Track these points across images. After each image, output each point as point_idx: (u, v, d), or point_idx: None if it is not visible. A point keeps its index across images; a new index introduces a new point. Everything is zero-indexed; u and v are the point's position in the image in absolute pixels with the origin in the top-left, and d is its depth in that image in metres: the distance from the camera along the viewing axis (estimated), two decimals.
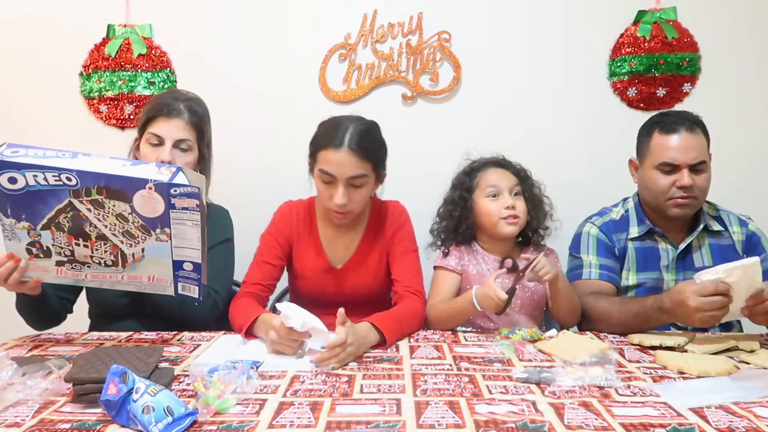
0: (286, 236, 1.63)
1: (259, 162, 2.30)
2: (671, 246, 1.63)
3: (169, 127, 1.50)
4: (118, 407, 0.88)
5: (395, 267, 1.60)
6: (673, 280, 1.61)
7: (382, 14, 2.24)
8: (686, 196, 1.54)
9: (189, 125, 1.52)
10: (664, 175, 1.56)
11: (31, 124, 2.32)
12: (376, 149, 1.52)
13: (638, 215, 1.68)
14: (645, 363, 1.22)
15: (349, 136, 1.44)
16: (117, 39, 2.27)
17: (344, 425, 0.88)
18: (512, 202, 1.58)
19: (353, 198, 1.49)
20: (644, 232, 1.64)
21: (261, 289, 1.56)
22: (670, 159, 1.54)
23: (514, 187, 1.62)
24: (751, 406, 0.96)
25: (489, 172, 1.64)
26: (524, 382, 1.08)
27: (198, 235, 1.23)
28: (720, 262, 1.60)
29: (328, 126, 1.51)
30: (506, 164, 1.67)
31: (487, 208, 1.60)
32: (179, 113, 1.51)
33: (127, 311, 1.53)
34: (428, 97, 2.27)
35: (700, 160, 1.53)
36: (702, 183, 1.56)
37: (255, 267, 1.60)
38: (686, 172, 1.53)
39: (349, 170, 1.45)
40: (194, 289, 1.30)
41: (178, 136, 1.50)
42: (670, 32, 2.19)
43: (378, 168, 1.53)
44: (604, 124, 2.24)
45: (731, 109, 2.18)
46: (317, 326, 1.21)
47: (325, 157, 1.46)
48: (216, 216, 1.64)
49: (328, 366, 1.16)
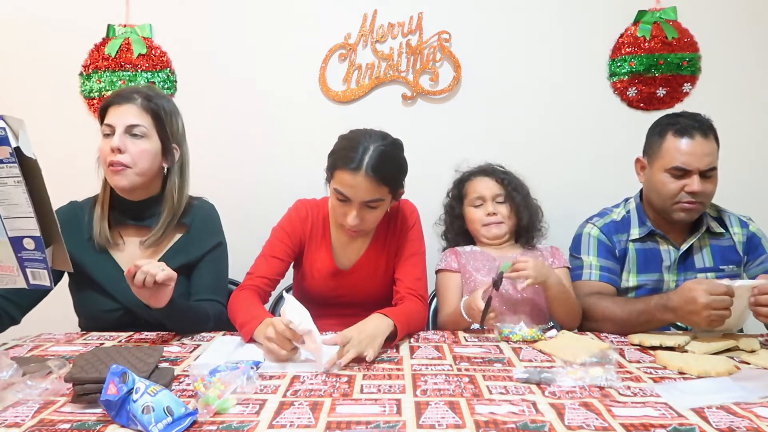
0: (299, 236, 1.61)
1: (259, 162, 2.30)
2: (673, 247, 1.63)
3: (119, 113, 1.41)
4: (118, 407, 0.87)
5: (400, 267, 1.59)
6: (674, 281, 1.61)
7: (382, 14, 2.24)
8: (693, 202, 1.54)
9: (142, 110, 1.42)
10: (675, 179, 1.55)
11: (31, 124, 2.29)
12: (395, 173, 1.47)
13: (639, 217, 1.67)
14: (645, 363, 1.22)
15: (368, 159, 1.38)
16: (117, 39, 2.27)
17: (344, 425, 0.88)
18: (494, 209, 1.72)
19: (366, 218, 1.47)
20: (645, 233, 1.64)
21: (266, 284, 1.53)
22: (682, 164, 1.52)
23: (497, 194, 1.73)
24: (752, 406, 0.95)
25: (474, 182, 1.78)
26: (524, 382, 1.08)
27: (26, 197, 0.98)
28: (721, 263, 1.61)
29: (348, 143, 1.44)
30: (490, 172, 1.78)
31: (472, 216, 1.75)
32: (130, 99, 1.42)
33: (121, 323, 1.47)
34: (428, 97, 2.27)
35: (711, 167, 1.53)
36: (710, 189, 1.55)
37: (262, 260, 1.56)
38: (697, 178, 1.52)
39: (364, 195, 1.41)
40: (44, 275, 1.04)
41: (129, 121, 1.41)
42: (670, 32, 2.19)
43: (395, 189, 1.49)
44: (604, 124, 2.24)
45: (731, 109, 2.18)
46: (314, 332, 1.16)
47: (341, 178, 1.41)
48: (203, 216, 1.57)
49: (343, 361, 1.15)
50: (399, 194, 1.55)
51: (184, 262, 1.50)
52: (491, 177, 1.77)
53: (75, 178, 1.62)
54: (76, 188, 1.56)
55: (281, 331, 1.18)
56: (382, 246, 1.63)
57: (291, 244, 1.60)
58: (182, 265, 1.49)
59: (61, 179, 2.18)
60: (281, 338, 1.18)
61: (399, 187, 1.52)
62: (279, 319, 1.20)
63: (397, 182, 1.49)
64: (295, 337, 1.18)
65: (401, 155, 1.50)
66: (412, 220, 1.63)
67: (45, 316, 1.80)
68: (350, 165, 1.39)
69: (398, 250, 1.61)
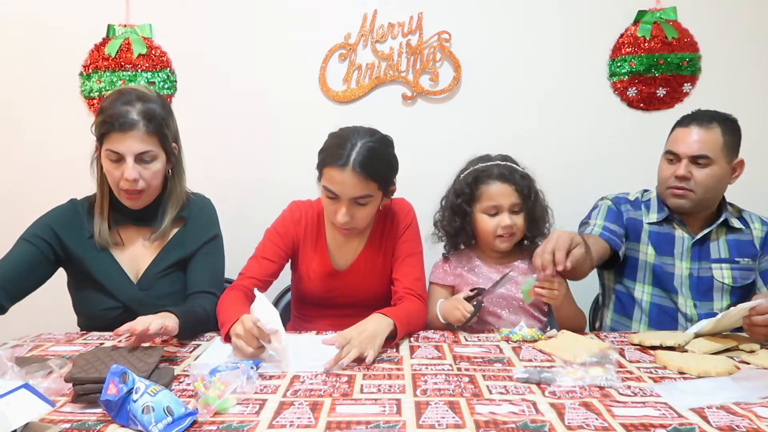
0: (292, 237, 1.62)
1: (259, 162, 2.30)
2: (688, 234, 1.65)
3: (126, 143, 1.36)
4: (118, 407, 0.88)
5: (398, 267, 1.59)
6: (687, 268, 1.64)
7: (382, 14, 2.24)
8: (681, 187, 1.59)
9: (147, 135, 1.38)
10: (668, 165, 1.63)
11: (31, 124, 2.32)
12: (383, 169, 1.46)
13: (658, 203, 1.71)
14: (645, 363, 1.22)
15: (355, 155, 1.39)
16: (117, 39, 2.27)
17: (344, 425, 0.88)
18: (510, 222, 1.56)
19: (356, 215, 1.46)
20: (662, 218, 1.67)
21: (255, 284, 1.51)
22: (673, 148, 1.61)
23: (515, 204, 1.57)
24: (752, 406, 0.96)
25: (492, 186, 1.58)
26: (524, 382, 1.08)
27: None
28: (737, 255, 1.64)
29: (336, 140, 1.45)
30: (511, 179, 1.58)
31: (485, 225, 1.60)
32: (134, 125, 1.36)
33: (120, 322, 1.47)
34: (428, 97, 2.27)
35: (700, 154, 1.56)
36: (701, 178, 1.57)
37: (254, 261, 1.57)
38: (684, 163, 1.58)
39: (352, 191, 1.42)
40: None
41: (138, 149, 1.37)
42: (670, 32, 2.19)
43: (384, 185, 1.49)
44: (604, 124, 2.25)
45: (731, 109, 2.16)
46: (280, 333, 1.15)
47: (330, 175, 1.42)
48: (199, 209, 1.58)
49: (342, 362, 1.15)
50: (390, 192, 1.55)
51: (181, 256, 1.51)
52: (510, 184, 1.57)
53: (75, 177, 1.61)
54: (76, 188, 1.56)
55: (249, 328, 1.18)
56: (378, 246, 1.63)
57: (283, 246, 1.60)
58: (180, 258, 1.50)
59: (61, 179, 2.20)
60: (248, 335, 1.19)
61: (389, 184, 1.52)
62: (248, 317, 1.20)
63: (385, 178, 1.48)
64: (262, 336, 1.18)
65: (390, 152, 1.50)
66: (408, 220, 1.63)
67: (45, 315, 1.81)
68: (338, 162, 1.39)
69: (395, 250, 1.61)
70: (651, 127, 2.24)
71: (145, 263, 1.49)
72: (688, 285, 1.63)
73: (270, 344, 1.18)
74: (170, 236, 1.52)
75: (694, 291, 1.62)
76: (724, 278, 1.61)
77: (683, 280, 1.63)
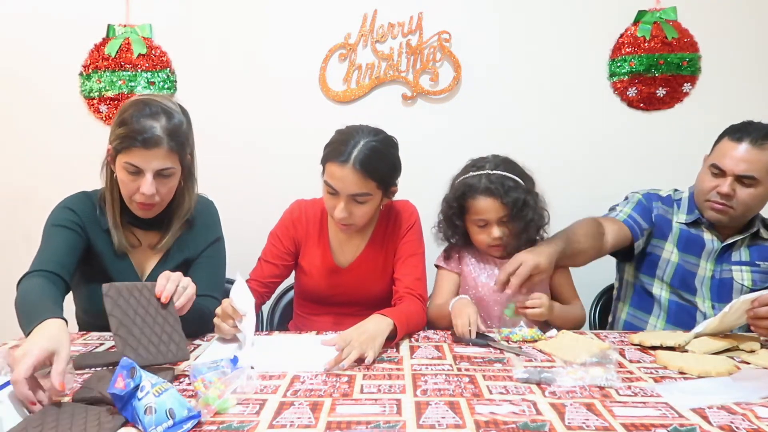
0: (293, 237, 1.64)
1: (260, 162, 2.30)
2: (717, 238, 1.65)
3: (148, 158, 1.32)
4: (125, 401, 0.88)
5: (399, 267, 1.60)
6: (711, 270, 1.64)
7: (382, 14, 2.24)
8: (722, 203, 1.57)
9: (170, 152, 1.35)
10: (711, 177, 1.59)
11: (31, 124, 2.32)
12: (384, 169, 1.47)
13: (689, 205, 1.70)
14: (645, 363, 1.22)
15: (357, 152, 1.40)
16: (117, 39, 2.27)
17: (344, 425, 0.88)
18: (499, 234, 1.56)
19: (355, 212, 1.47)
20: (691, 221, 1.67)
21: (259, 285, 1.59)
22: (719, 163, 1.56)
23: (503, 216, 1.56)
24: (752, 406, 0.96)
25: (479, 202, 1.56)
26: (524, 382, 1.08)
27: None
28: (758, 258, 1.64)
29: (340, 136, 1.47)
30: (497, 192, 1.54)
31: (476, 236, 1.62)
32: (158, 142, 1.32)
33: None
34: (428, 97, 2.27)
35: (748, 174, 1.53)
36: (744, 197, 1.55)
37: (258, 264, 1.64)
38: (729, 180, 1.54)
39: (351, 188, 1.43)
40: None
41: (159, 166, 1.34)
42: (670, 32, 2.19)
43: (384, 185, 1.49)
44: (604, 124, 2.25)
45: (731, 109, 2.17)
46: (246, 318, 1.28)
47: (331, 171, 1.44)
48: (202, 211, 1.56)
49: (342, 364, 1.16)
50: (391, 192, 1.55)
51: (185, 258, 1.51)
52: (496, 197, 1.54)
53: (75, 177, 1.61)
54: (77, 188, 1.55)
55: (224, 307, 1.31)
56: (380, 245, 1.63)
57: (283, 248, 1.63)
58: (184, 260, 1.50)
59: (61, 179, 2.20)
60: (224, 313, 1.31)
61: (389, 185, 1.52)
62: (227, 299, 1.31)
63: (385, 178, 1.49)
64: (236, 315, 1.29)
65: (393, 152, 1.51)
66: (411, 221, 1.64)
67: None
68: (339, 158, 1.41)
69: (397, 250, 1.62)
70: (651, 127, 2.24)
71: (150, 265, 1.50)
72: (709, 286, 1.63)
73: (240, 324, 1.29)
74: (175, 239, 1.52)
75: (714, 292, 1.63)
76: (744, 280, 1.61)
77: (705, 281, 1.64)
